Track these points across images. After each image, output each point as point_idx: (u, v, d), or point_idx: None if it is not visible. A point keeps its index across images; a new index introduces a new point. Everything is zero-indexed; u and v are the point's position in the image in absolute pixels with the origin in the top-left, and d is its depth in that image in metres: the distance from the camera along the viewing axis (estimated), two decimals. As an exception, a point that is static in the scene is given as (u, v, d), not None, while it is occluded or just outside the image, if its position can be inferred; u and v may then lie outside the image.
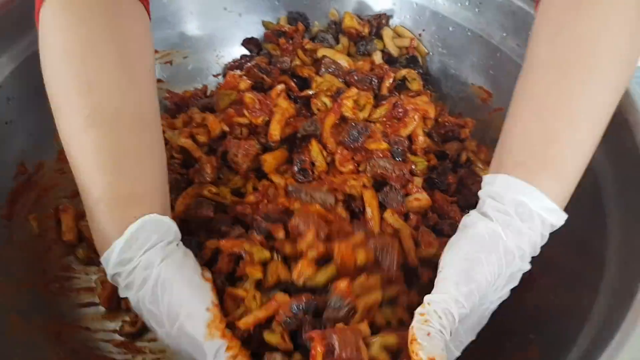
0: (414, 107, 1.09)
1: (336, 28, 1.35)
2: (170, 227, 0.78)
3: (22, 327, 0.90)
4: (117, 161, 0.76)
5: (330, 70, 1.20)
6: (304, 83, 1.21)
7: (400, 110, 1.09)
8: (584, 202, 0.80)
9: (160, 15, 1.28)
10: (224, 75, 1.36)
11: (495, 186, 0.76)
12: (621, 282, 0.78)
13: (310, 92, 1.15)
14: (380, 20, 1.33)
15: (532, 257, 0.76)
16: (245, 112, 1.06)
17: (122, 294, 0.76)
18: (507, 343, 0.91)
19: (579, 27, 0.77)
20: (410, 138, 1.08)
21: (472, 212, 0.79)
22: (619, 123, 0.82)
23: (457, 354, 0.76)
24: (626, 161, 0.87)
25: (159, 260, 0.74)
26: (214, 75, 1.38)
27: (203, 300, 0.75)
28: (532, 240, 0.74)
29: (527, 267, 0.76)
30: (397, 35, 1.33)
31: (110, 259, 0.73)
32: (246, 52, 1.38)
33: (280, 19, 1.38)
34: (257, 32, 1.39)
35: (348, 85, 1.17)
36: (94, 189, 0.75)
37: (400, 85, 1.23)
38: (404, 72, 1.22)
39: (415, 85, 1.22)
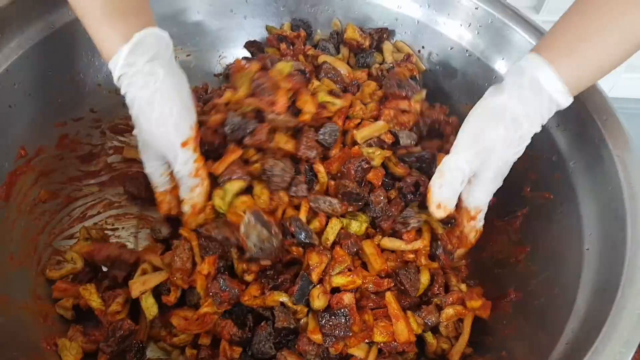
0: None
1: (338, 38, 1.38)
2: (168, 43, 0.92)
3: (9, 305, 0.91)
4: None
5: (329, 75, 1.24)
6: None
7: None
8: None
9: (167, 12, 1.31)
10: (225, 76, 1.38)
11: (523, 61, 0.91)
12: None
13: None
14: (381, 34, 1.36)
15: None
16: None
17: (123, 90, 0.89)
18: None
19: None
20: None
21: (490, 87, 0.95)
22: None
23: (486, 198, 1.00)
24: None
25: (162, 72, 0.89)
26: (215, 75, 1.40)
27: (189, 118, 0.94)
28: (539, 111, 0.90)
29: (538, 129, 0.91)
30: (397, 50, 1.36)
31: (119, 62, 0.86)
32: (248, 54, 1.40)
33: (283, 25, 1.40)
34: (260, 35, 1.41)
35: (345, 90, 1.21)
36: (95, 4, 0.86)
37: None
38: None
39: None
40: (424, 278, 1.03)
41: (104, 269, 1.05)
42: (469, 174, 0.94)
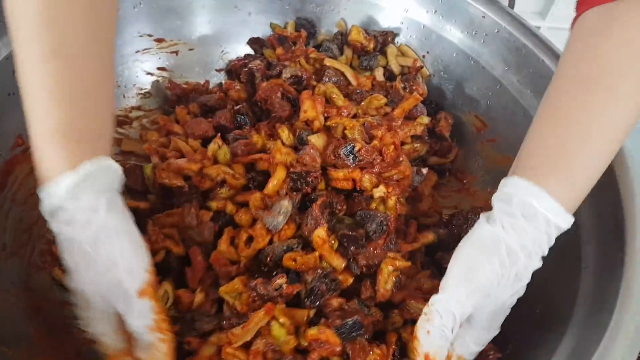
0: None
1: (342, 39, 1.37)
2: (119, 176, 0.79)
3: (1, 298, 0.90)
4: (76, 95, 0.75)
5: (333, 80, 1.23)
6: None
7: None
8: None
9: (172, 6, 1.29)
10: (227, 72, 1.38)
11: (506, 187, 0.82)
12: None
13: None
14: (386, 37, 1.35)
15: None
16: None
17: (56, 227, 0.75)
18: None
19: (606, 49, 0.80)
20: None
21: (481, 217, 0.84)
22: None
23: (477, 349, 0.86)
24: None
25: (105, 207, 0.75)
26: (217, 70, 1.39)
27: (143, 260, 0.79)
28: (537, 239, 0.79)
29: (538, 264, 0.81)
30: (401, 53, 1.36)
31: (57, 192, 0.72)
32: (251, 51, 1.39)
33: (288, 24, 1.39)
34: (264, 32, 1.40)
35: (348, 96, 1.20)
36: (49, 119, 0.74)
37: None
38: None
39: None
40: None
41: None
42: (460, 318, 0.79)
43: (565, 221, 0.80)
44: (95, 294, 0.77)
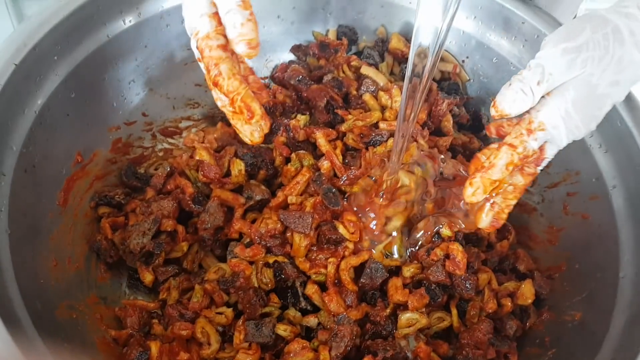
0: None
1: (383, 46, 1.40)
2: None
3: (67, 309, 0.97)
4: None
5: (370, 90, 1.26)
6: (345, 97, 1.28)
7: None
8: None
9: (217, 18, 1.33)
10: (271, 78, 1.41)
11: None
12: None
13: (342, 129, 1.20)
14: (426, 43, 1.37)
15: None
16: None
17: None
18: None
19: None
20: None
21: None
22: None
23: (557, 120, 0.81)
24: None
25: None
26: (262, 78, 1.43)
27: None
28: None
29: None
30: (441, 59, 1.37)
31: None
32: (294, 58, 1.43)
33: (329, 31, 1.42)
34: (307, 40, 1.44)
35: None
36: None
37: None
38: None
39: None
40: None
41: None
42: (549, 78, 0.78)
43: None
44: None
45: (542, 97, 0.81)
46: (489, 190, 0.85)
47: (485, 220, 0.90)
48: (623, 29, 0.78)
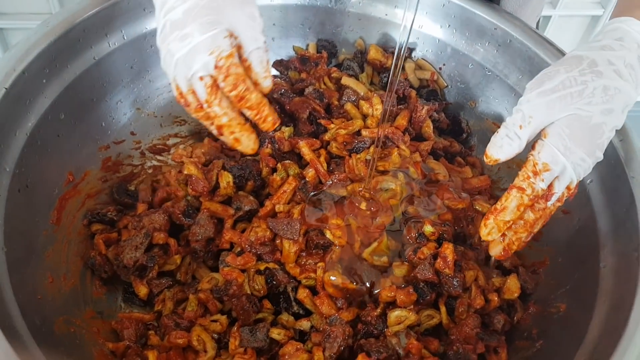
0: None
1: (361, 57, 1.44)
2: None
3: (65, 323, 0.99)
4: None
5: (351, 99, 1.30)
6: (327, 108, 1.32)
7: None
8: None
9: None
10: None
11: (610, 23, 0.88)
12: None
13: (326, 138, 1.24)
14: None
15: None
16: None
17: None
18: None
19: None
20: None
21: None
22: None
23: (559, 157, 0.83)
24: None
25: None
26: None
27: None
28: (625, 57, 0.83)
29: (621, 82, 0.82)
30: (419, 67, 1.42)
31: None
32: (276, 73, 1.47)
33: (309, 45, 1.46)
34: (288, 55, 1.48)
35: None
36: None
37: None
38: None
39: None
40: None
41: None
42: (531, 120, 0.82)
43: None
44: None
45: (540, 139, 0.85)
46: (504, 229, 0.89)
47: (495, 250, 0.94)
48: (599, 61, 0.82)
